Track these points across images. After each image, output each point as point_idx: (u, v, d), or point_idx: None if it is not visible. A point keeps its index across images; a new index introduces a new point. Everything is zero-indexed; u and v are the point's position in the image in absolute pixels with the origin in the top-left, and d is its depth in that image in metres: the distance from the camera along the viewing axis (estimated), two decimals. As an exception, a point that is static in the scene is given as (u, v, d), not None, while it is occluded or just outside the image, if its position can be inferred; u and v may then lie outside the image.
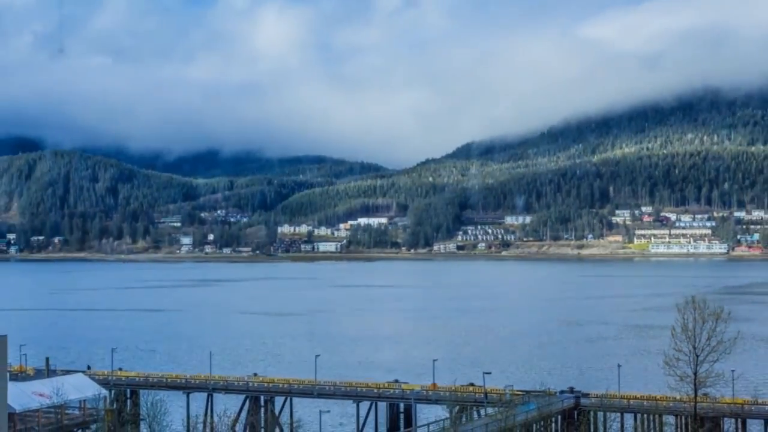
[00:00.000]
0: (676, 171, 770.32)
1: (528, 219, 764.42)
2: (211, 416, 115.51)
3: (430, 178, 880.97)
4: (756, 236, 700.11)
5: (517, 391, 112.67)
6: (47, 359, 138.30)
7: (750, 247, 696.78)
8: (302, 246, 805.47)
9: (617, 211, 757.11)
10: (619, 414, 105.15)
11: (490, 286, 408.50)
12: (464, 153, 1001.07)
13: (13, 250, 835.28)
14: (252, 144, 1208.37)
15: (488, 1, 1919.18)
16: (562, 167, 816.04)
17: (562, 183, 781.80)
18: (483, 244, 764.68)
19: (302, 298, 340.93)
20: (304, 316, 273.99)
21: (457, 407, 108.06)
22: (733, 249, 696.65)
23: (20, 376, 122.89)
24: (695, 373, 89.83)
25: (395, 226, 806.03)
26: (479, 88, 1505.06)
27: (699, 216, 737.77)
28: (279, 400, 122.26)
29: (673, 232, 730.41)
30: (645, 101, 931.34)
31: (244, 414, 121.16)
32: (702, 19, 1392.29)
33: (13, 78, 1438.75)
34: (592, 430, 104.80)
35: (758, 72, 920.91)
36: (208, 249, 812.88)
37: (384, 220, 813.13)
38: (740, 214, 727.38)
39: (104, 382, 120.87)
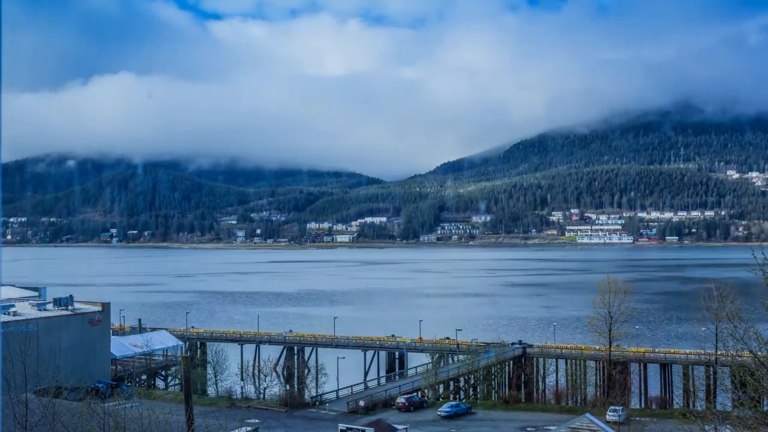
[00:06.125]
0: (596, 183, 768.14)
1: (488, 218, 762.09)
2: (259, 361, 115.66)
3: (418, 189, 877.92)
4: (653, 231, 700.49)
5: (480, 342, 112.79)
6: (139, 320, 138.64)
7: (649, 238, 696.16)
8: (324, 238, 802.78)
9: (553, 213, 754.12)
10: (554, 359, 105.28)
11: (459, 264, 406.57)
12: (442, 170, 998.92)
13: (114, 240, 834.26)
14: (288, 163, 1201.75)
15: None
16: (513, 180, 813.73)
17: (513, 192, 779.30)
18: (455, 237, 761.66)
19: (326, 275, 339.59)
20: (330, 285, 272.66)
21: (437, 354, 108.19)
22: (636, 240, 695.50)
23: (120, 332, 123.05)
24: (609, 331, 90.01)
25: (392, 223, 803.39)
26: (453, 123, 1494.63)
27: (612, 216, 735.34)
28: (308, 350, 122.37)
29: (593, 227, 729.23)
30: (572, 132, 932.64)
31: (282, 360, 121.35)
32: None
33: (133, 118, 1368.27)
34: (535, 371, 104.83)
35: (655, 106, 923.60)
36: (256, 240, 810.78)
37: (384, 219, 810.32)
38: (642, 214, 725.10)
39: (181, 337, 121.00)
